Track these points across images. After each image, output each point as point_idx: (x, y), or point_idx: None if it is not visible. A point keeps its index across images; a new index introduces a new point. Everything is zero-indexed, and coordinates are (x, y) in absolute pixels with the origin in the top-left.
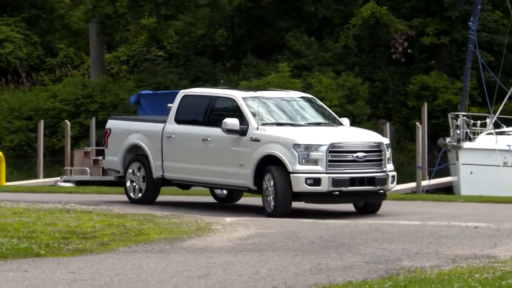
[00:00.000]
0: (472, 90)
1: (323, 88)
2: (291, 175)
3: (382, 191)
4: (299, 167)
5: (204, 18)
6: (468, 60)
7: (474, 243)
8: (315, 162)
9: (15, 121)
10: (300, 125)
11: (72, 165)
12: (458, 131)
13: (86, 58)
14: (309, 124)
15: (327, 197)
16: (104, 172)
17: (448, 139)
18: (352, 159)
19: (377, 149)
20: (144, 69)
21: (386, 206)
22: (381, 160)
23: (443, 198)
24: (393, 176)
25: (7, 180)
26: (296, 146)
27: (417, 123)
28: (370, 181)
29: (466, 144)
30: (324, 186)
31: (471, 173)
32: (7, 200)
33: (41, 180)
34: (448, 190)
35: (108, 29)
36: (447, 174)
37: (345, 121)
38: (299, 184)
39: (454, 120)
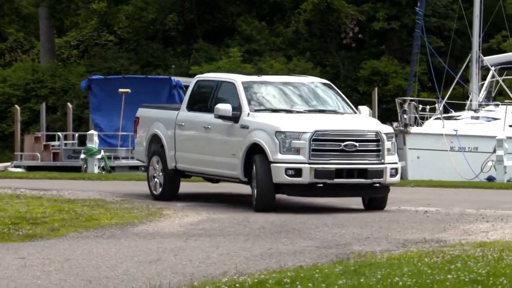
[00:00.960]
0: (422, 75)
1: (274, 73)
2: (271, 165)
3: (378, 184)
4: (280, 156)
5: (154, 2)
6: (415, 45)
7: (424, 228)
8: (297, 151)
9: None
10: (298, 112)
11: (22, 150)
12: (405, 116)
13: (36, 43)
14: (311, 111)
15: (310, 190)
16: (55, 157)
17: (395, 124)
18: (340, 148)
19: (372, 138)
20: (95, 54)
21: None
22: (377, 151)
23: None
24: (394, 169)
25: None
26: (278, 133)
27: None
28: (361, 173)
29: (413, 129)
30: (306, 178)
31: (418, 157)
32: None
33: None
34: None
35: (58, 13)
36: None
37: (363, 109)
38: (279, 175)
39: (402, 105)
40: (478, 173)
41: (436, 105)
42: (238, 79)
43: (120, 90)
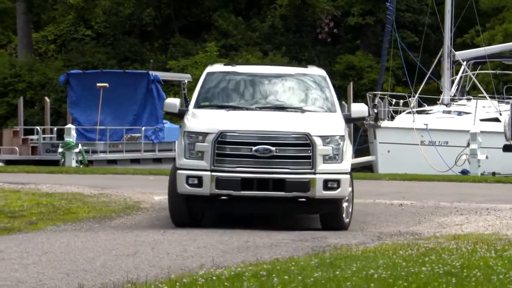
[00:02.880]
0: (398, 69)
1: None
2: (176, 172)
3: (304, 199)
4: (183, 162)
5: None
6: (386, 40)
7: (399, 221)
8: (201, 155)
9: None
10: (247, 109)
11: (0, 144)
12: (375, 110)
13: (13, 38)
14: (264, 108)
15: (212, 203)
16: (33, 151)
17: None
18: (250, 153)
19: (296, 142)
20: (72, 49)
21: None
22: (304, 157)
23: (368, 176)
24: (333, 180)
25: None
26: (186, 134)
27: (343, 102)
28: (278, 184)
29: (384, 123)
30: (206, 188)
31: (388, 151)
32: None
33: None
34: (369, 168)
35: (35, 8)
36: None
37: (356, 107)
38: (181, 184)
39: (373, 99)
40: (451, 166)
41: (408, 99)
42: (209, 69)
43: (98, 84)
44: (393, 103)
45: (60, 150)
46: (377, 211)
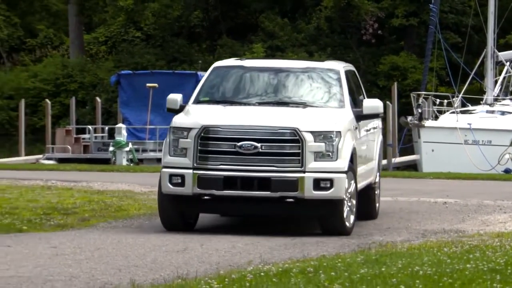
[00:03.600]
0: (441, 70)
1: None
2: (161, 170)
3: (292, 199)
4: (168, 159)
5: (180, 0)
6: (429, 41)
7: (443, 218)
8: (184, 152)
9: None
10: (246, 104)
11: (53, 143)
12: (419, 110)
13: (65, 39)
14: (265, 104)
15: (195, 203)
16: (85, 149)
17: (409, 118)
18: (234, 150)
19: (284, 137)
20: (122, 50)
21: None
22: (292, 154)
23: (413, 175)
24: (325, 180)
25: None
26: (170, 130)
27: (388, 102)
28: (263, 183)
29: (428, 123)
30: (188, 187)
31: (432, 150)
32: None
33: (22, 158)
34: (414, 167)
35: (86, 10)
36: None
37: (369, 102)
38: (165, 183)
39: (417, 99)
40: (494, 165)
41: (452, 99)
42: (216, 63)
43: (148, 84)
44: (437, 103)
45: (111, 149)
46: (422, 209)
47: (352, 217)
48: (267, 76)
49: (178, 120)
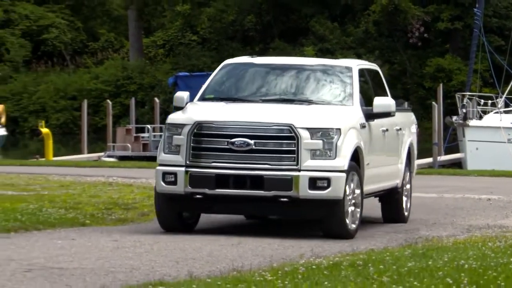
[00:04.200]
0: (485, 72)
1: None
2: (156, 168)
3: (286, 199)
4: (162, 157)
5: (234, 5)
6: (474, 44)
7: (487, 214)
8: (178, 149)
9: (60, 101)
10: (248, 101)
11: (114, 141)
12: (464, 110)
13: (125, 43)
14: (270, 101)
15: (188, 203)
16: (144, 148)
17: (454, 118)
18: (227, 147)
19: (278, 134)
20: (179, 53)
21: None
22: (287, 152)
23: (458, 172)
24: (322, 179)
25: (55, 155)
26: (166, 126)
27: (433, 102)
28: (256, 182)
29: (472, 122)
30: (180, 186)
31: (476, 149)
32: (54, 174)
33: (85, 156)
34: (459, 165)
35: (145, 15)
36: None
37: (380, 101)
38: (159, 182)
39: (462, 100)
40: None
41: (496, 99)
42: (227, 61)
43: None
44: (481, 103)
45: None
46: (466, 205)
47: (357, 219)
48: (276, 74)
49: (173, 116)
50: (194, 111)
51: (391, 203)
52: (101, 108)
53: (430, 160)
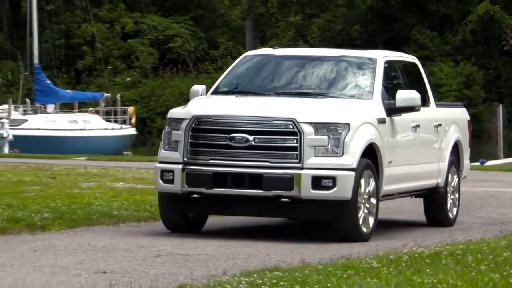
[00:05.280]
0: None
1: (444, 75)
2: (155, 166)
3: (287, 199)
4: (162, 154)
5: (342, 16)
6: None
7: None
8: (176, 145)
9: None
10: (260, 95)
11: None
12: None
13: (243, 50)
14: (283, 94)
15: (186, 203)
16: None
17: None
18: (225, 143)
19: (279, 129)
20: None
21: (494, 176)
22: (288, 148)
23: None
24: (327, 178)
25: None
26: (166, 121)
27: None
28: (254, 180)
29: None
30: (177, 185)
31: None
32: None
33: None
34: None
35: (261, 25)
36: None
37: (402, 94)
38: (157, 180)
39: None
40: None
41: None
42: (247, 52)
43: None
44: None
45: None
46: None
47: (371, 221)
48: (295, 65)
49: (174, 110)
50: (195, 104)
51: (433, 204)
52: None
53: None
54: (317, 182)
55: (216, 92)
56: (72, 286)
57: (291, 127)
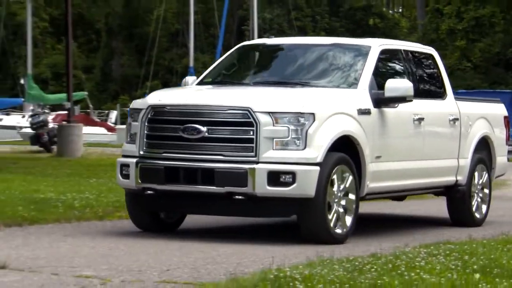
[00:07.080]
0: None
1: None
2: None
3: (241, 197)
4: (124, 147)
5: (499, 40)
6: None
7: None
8: (134, 138)
9: None
10: (238, 84)
11: None
12: None
13: None
14: (263, 84)
15: (141, 200)
16: None
17: None
18: (178, 135)
19: (234, 120)
20: (457, 76)
21: None
22: (244, 140)
23: None
24: (285, 173)
25: None
26: (129, 112)
27: None
28: (206, 176)
29: None
30: (132, 180)
31: None
32: None
33: None
34: None
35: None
36: None
37: (392, 83)
38: (117, 175)
39: None
40: None
41: None
42: (244, 43)
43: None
44: None
45: None
46: None
47: (348, 221)
48: (282, 54)
49: (136, 100)
50: (154, 94)
51: (454, 203)
52: None
53: None
54: (274, 177)
55: (200, 83)
56: None
57: (246, 117)
